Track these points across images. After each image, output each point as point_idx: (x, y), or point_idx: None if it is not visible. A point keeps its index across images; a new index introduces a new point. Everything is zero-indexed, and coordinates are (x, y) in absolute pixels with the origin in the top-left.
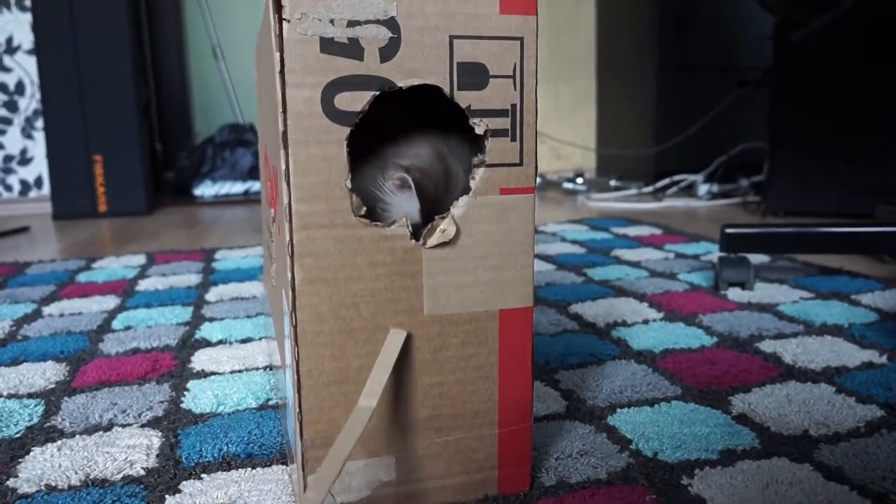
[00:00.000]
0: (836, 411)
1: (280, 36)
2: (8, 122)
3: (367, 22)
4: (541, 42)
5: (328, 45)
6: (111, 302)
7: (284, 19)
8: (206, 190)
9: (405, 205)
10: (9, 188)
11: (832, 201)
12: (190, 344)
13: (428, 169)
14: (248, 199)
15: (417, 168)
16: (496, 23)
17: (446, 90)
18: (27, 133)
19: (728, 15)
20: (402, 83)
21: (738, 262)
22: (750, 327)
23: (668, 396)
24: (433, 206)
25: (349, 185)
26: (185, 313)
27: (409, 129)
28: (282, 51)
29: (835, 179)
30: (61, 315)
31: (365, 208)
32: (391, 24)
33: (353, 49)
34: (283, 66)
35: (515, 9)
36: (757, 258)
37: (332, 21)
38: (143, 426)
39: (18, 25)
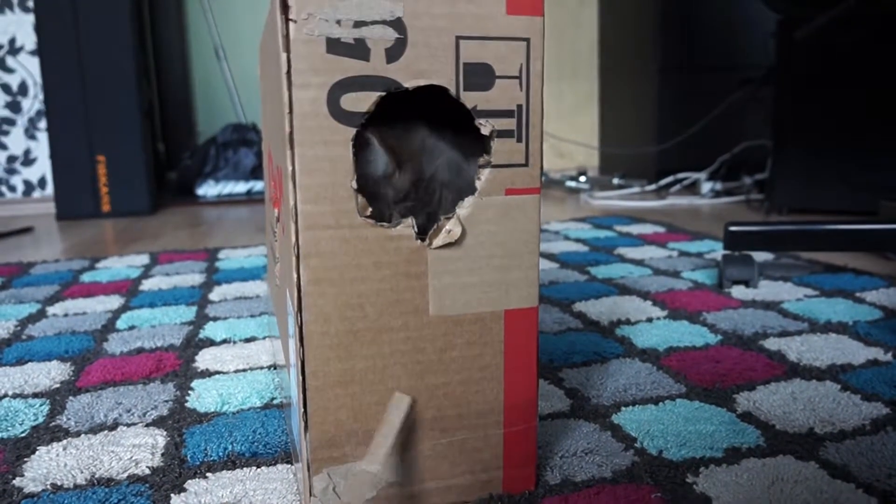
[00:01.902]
0: (842, 409)
1: (286, 36)
2: (11, 122)
3: (374, 22)
4: (545, 41)
5: (334, 46)
6: (115, 302)
7: (291, 20)
8: (208, 190)
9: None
10: (12, 189)
11: (836, 199)
12: (194, 343)
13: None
14: (251, 198)
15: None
16: (503, 23)
17: (452, 91)
18: (30, 134)
19: (731, 14)
20: (409, 84)
21: (741, 260)
22: (754, 325)
23: (672, 394)
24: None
25: (355, 185)
26: (188, 313)
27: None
28: (288, 51)
29: (838, 177)
30: (66, 315)
31: (370, 209)
32: (397, 24)
33: (359, 50)
34: (289, 66)
35: (522, 10)
36: (761, 256)
37: (338, 22)
38: (147, 425)
39: (21, 26)
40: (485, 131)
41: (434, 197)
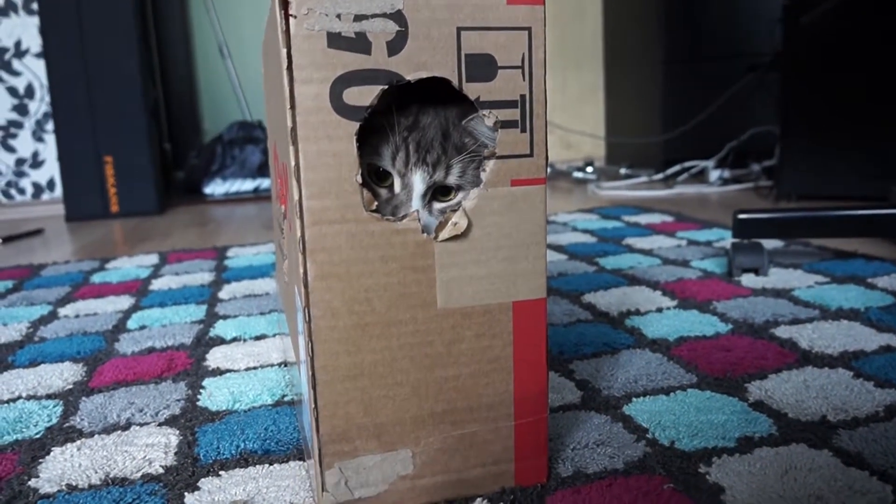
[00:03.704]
0: (855, 396)
1: (287, 32)
2: (19, 125)
3: (374, 16)
4: (548, 32)
5: (335, 40)
6: (125, 302)
7: (291, 15)
8: (216, 188)
9: None
10: (22, 191)
11: (845, 184)
12: (204, 342)
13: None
14: (259, 196)
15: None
16: (503, 13)
17: (455, 82)
18: (38, 136)
19: (736, 0)
20: (411, 76)
21: (751, 248)
22: (765, 313)
23: (683, 384)
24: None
25: (359, 179)
26: (198, 311)
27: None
28: (289, 47)
29: (848, 162)
30: (77, 316)
31: (376, 203)
32: (398, 17)
33: (360, 43)
34: (290, 62)
35: None
36: (770, 243)
37: (338, 16)
38: (160, 425)
39: (26, 29)
40: (489, 122)
41: (427, 139)
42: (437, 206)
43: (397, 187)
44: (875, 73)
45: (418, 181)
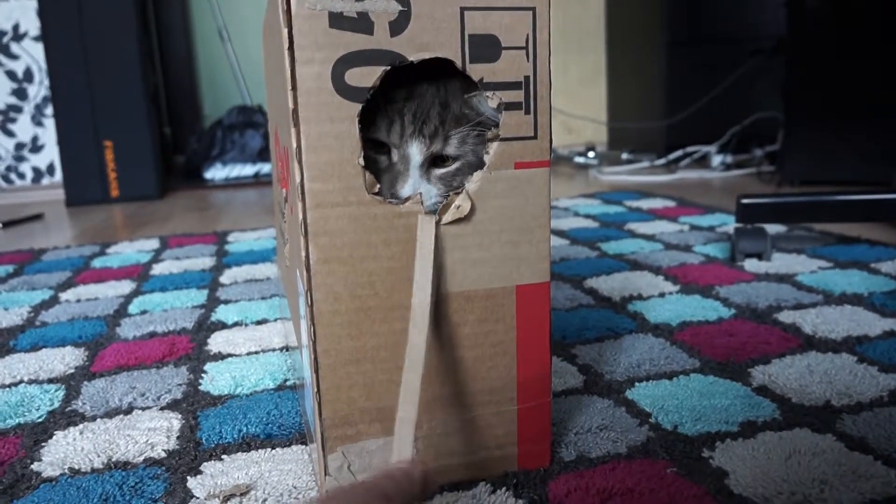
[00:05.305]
0: (858, 381)
1: (288, 12)
2: (18, 109)
3: None
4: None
5: (337, 20)
6: (126, 286)
7: None
8: (216, 173)
9: None
10: (21, 176)
11: (848, 169)
12: (206, 326)
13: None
14: (259, 181)
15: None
16: None
17: (458, 63)
18: (37, 120)
19: None
20: (413, 57)
21: (754, 233)
22: (768, 298)
23: (686, 369)
24: None
25: (362, 162)
26: (200, 296)
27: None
28: (290, 27)
29: (851, 147)
30: (78, 300)
31: (378, 185)
32: None
33: (362, 23)
34: (291, 42)
35: None
36: (773, 228)
37: None
38: (162, 409)
39: (24, 12)
40: (492, 104)
41: (424, 109)
42: (437, 172)
43: (394, 157)
44: (880, 59)
45: (415, 152)
